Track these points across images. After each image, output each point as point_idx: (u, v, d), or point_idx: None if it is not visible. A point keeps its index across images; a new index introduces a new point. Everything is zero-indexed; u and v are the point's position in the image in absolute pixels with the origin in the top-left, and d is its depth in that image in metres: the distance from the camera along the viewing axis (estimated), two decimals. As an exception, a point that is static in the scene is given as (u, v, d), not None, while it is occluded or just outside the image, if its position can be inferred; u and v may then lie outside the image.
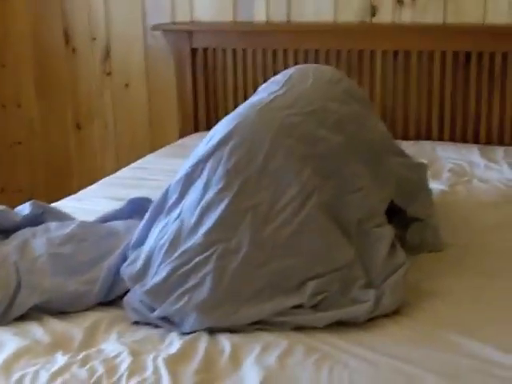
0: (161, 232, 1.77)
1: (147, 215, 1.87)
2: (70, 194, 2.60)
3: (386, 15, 3.12)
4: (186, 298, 1.63)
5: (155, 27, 3.37)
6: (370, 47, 3.10)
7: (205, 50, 3.33)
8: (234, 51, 3.29)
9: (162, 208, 1.85)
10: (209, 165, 1.80)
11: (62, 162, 3.76)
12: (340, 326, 1.61)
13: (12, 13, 3.64)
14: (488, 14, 2.99)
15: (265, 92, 2.03)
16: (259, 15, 3.29)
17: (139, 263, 1.74)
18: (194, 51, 3.33)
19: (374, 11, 3.13)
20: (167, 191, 1.88)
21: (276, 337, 1.58)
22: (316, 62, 3.11)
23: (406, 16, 3.09)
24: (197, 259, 1.67)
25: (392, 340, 1.56)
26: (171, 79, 3.42)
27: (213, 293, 1.63)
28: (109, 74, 3.56)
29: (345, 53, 3.13)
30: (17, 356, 1.54)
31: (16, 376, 1.47)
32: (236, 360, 1.51)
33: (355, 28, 3.17)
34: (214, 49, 3.32)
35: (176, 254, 1.69)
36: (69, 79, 3.62)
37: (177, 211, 1.78)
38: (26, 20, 3.63)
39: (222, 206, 1.72)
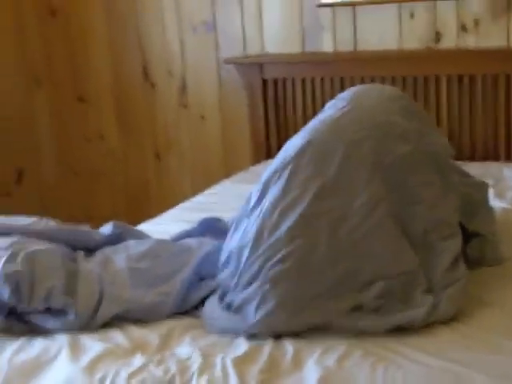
0: (244, 232, 1.91)
1: (234, 223, 2.02)
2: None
3: (449, 41, 3.22)
4: (267, 287, 1.76)
5: (228, 60, 3.55)
6: (435, 72, 3.19)
7: (275, 80, 3.48)
8: (303, 80, 3.43)
9: (245, 212, 2.00)
10: (287, 172, 1.94)
11: (141, 190, 3.96)
12: (397, 330, 1.71)
13: (93, 51, 3.89)
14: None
15: (332, 109, 2.15)
16: (326, 45, 3.43)
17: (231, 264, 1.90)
18: (264, 82, 3.49)
19: (438, 37, 3.23)
20: (249, 197, 2.03)
21: (336, 341, 1.68)
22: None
23: (470, 41, 3.18)
24: (280, 254, 1.80)
25: (446, 344, 1.64)
26: (244, 109, 3.58)
27: (295, 285, 1.75)
28: (185, 106, 3.75)
29: (410, 79, 3.23)
30: (100, 358, 1.68)
31: (99, 375, 1.61)
32: (298, 361, 1.61)
33: (420, 54, 3.27)
34: (284, 79, 3.47)
35: (260, 251, 1.82)
36: (148, 112, 3.83)
37: (256, 212, 1.92)
38: (107, 57, 3.87)
39: (301, 207, 1.85)
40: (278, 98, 3.50)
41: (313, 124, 2.10)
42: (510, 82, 3.09)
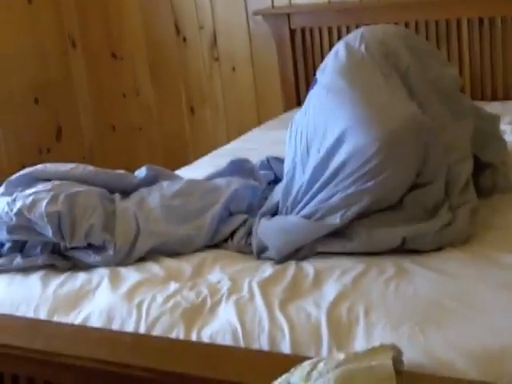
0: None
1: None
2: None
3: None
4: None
5: (256, 12, 3.66)
6: (457, 16, 3.27)
7: (302, 30, 3.59)
8: (330, 29, 3.53)
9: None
10: None
11: (177, 143, 4.11)
12: (411, 252, 1.85)
13: (126, 10, 4.02)
14: None
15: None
16: (351, -6, 3.53)
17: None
18: (292, 32, 3.60)
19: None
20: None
21: (354, 262, 1.82)
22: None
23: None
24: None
25: (454, 262, 1.78)
26: (273, 59, 3.69)
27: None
28: (217, 59, 3.88)
29: (433, 23, 3.31)
30: (137, 286, 1.84)
31: (137, 300, 1.77)
32: (318, 281, 1.76)
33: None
34: (311, 28, 3.57)
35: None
36: (181, 67, 3.97)
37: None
38: (139, 15, 4.00)
39: None
40: (305, 47, 3.60)
41: None
42: (529, 22, 3.17)
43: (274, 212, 2.08)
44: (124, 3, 4.01)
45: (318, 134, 2.03)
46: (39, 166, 2.25)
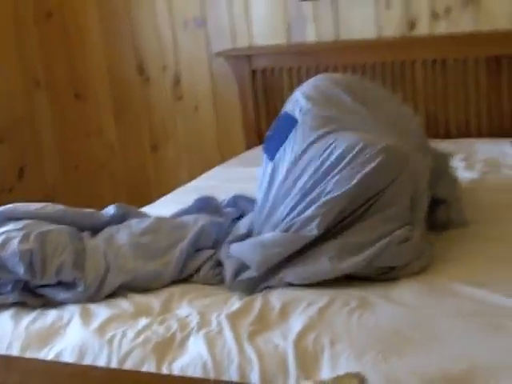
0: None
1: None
2: (148, 207, 2.97)
3: (423, 28, 3.43)
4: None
5: (218, 54, 3.76)
6: (411, 58, 3.41)
7: (263, 70, 3.69)
8: (290, 70, 3.64)
9: None
10: None
11: (141, 181, 4.17)
12: (373, 283, 1.94)
13: (89, 50, 4.09)
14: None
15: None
16: (310, 36, 3.64)
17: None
18: (253, 73, 3.70)
19: (412, 25, 3.44)
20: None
21: (319, 295, 1.90)
22: (363, 74, 3.44)
23: (442, 27, 3.39)
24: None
25: (412, 293, 1.87)
26: (235, 99, 3.79)
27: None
28: (180, 98, 3.97)
29: (389, 65, 3.44)
30: (108, 321, 1.89)
31: (109, 335, 1.82)
32: (284, 314, 1.83)
33: (396, 42, 3.48)
34: (272, 69, 3.68)
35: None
36: (144, 106, 4.05)
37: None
38: (103, 56, 4.07)
39: None
40: (266, 87, 3.71)
41: None
42: (478, 65, 3.30)
43: (242, 240, 2.16)
44: (87, 44, 4.09)
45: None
46: (9, 206, 2.29)
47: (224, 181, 3.12)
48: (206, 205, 2.41)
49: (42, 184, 4.29)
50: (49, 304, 2.04)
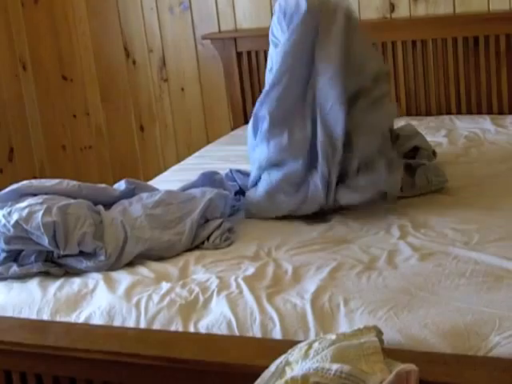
0: None
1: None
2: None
3: (403, 10, 3.59)
4: None
5: (204, 36, 3.88)
6: (391, 39, 3.57)
7: (248, 52, 3.82)
8: (274, 52, 3.76)
9: None
10: None
11: (128, 160, 4.28)
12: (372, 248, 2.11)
13: (76, 33, 4.18)
14: (491, 2, 3.43)
15: None
16: (293, 19, 3.77)
17: None
18: (239, 55, 3.83)
19: (392, 8, 3.60)
20: None
21: (326, 260, 2.06)
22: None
23: (421, 10, 3.56)
24: None
25: (415, 260, 2.04)
26: (221, 80, 3.91)
27: None
28: (166, 80, 4.08)
29: (370, 45, 3.60)
30: (132, 286, 2.02)
31: (135, 299, 1.95)
32: (297, 277, 1.98)
33: (377, 23, 3.63)
34: (256, 51, 3.80)
35: None
36: (131, 88, 4.15)
37: None
38: (89, 39, 4.16)
39: None
40: (251, 68, 3.84)
41: None
42: (457, 45, 3.47)
43: None
44: (74, 27, 4.17)
45: None
46: (25, 182, 2.40)
47: (215, 159, 3.25)
48: (210, 179, 2.55)
49: (31, 164, 4.38)
50: (71, 273, 2.16)
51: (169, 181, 3.00)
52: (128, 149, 4.27)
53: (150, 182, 3.06)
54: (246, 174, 2.64)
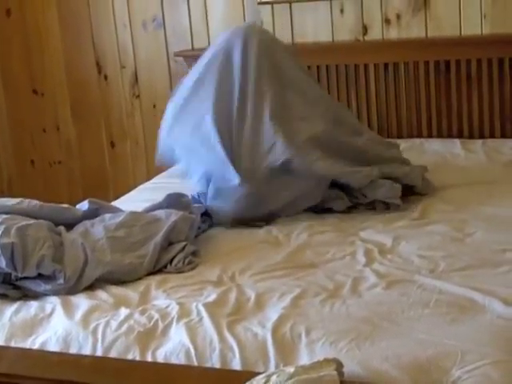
0: None
1: None
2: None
3: (375, 33, 3.58)
4: None
5: (177, 54, 3.85)
6: (364, 61, 3.56)
7: (220, 71, 3.79)
8: (246, 70, 3.74)
9: None
10: None
11: (98, 176, 4.23)
12: (337, 275, 2.07)
13: (48, 47, 4.13)
14: (463, 27, 3.43)
15: None
16: (266, 38, 3.76)
17: None
18: (211, 72, 3.80)
19: (365, 30, 3.59)
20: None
21: (290, 286, 2.02)
22: (318, 76, 3.58)
23: (393, 33, 3.55)
24: None
25: (379, 288, 2.01)
26: (193, 98, 3.88)
27: None
28: (138, 96, 4.04)
29: (342, 67, 3.58)
30: (90, 312, 1.98)
31: (92, 325, 1.90)
32: (260, 304, 1.94)
33: (350, 46, 3.62)
34: (229, 69, 3.78)
35: None
36: (102, 103, 4.11)
37: None
38: (61, 53, 4.11)
39: None
40: (223, 87, 3.81)
41: None
42: (428, 68, 3.46)
43: None
44: (46, 41, 4.13)
45: None
46: (-16, 202, 2.36)
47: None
48: (176, 201, 2.51)
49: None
50: (28, 296, 2.11)
51: (136, 200, 2.95)
52: (98, 165, 4.22)
53: (117, 202, 3.02)
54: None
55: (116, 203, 2.97)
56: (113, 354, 1.82)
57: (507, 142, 3.28)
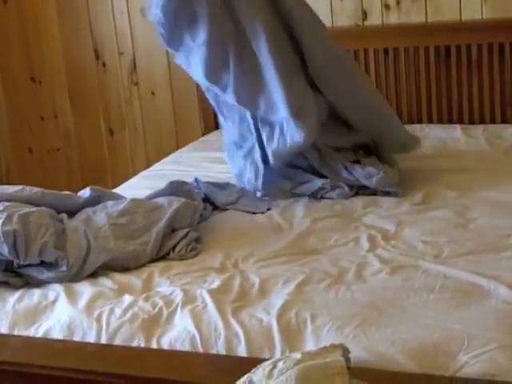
0: None
1: None
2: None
3: (375, 18, 3.56)
4: None
5: (176, 40, 3.83)
6: (364, 47, 3.54)
7: (220, 57, 3.77)
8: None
9: None
10: None
11: (97, 164, 4.21)
12: (342, 261, 2.07)
13: (46, 35, 4.11)
14: (463, 12, 3.42)
15: None
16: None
17: None
18: (211, 59, 3.78)
19: (365, 15, 3.57)
20: None
21: (294, 272, 2.02)
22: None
23: (393, 18, 3.54)
24: None
25: (383, 274, 2.01)
26: (192, 85, 3.84)
27: None
28: (136, 83, 4.02)
29: (342, 52, 3.57)
30: (94, 299, 1.97)
31: (96, 313, 1.90)
32: (264, 291, 1.94)
33: (350, 31, 3.61)
34: (228, 56, 3.76)
35: None
36: (100, 91, 4.09)
37: None
38: (59, 40, 4.09)
39: None
40: (222, 73, 3.78)
41: None
42: (429, 53, 3.45)
43: None
44: (44, 29, 4.10)
45: None
46: (-15, 189, 2.34)
47: (185, 165, 3.20)
48: (178, 189, 2.49)
49: (-3, 166, 4.32)
50: (31, 284, 2.10)
51: (136, 188, 2.94)
52: (97, 152, 4.20)
53: (118, 189, 3.00)
54: (212, 184, 2.62)
55: (116, 191, 2.96)
56: (117, 342, 1.81)
57: (508, 128, 3.27)
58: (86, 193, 2.44)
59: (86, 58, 4.06)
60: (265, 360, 1.57)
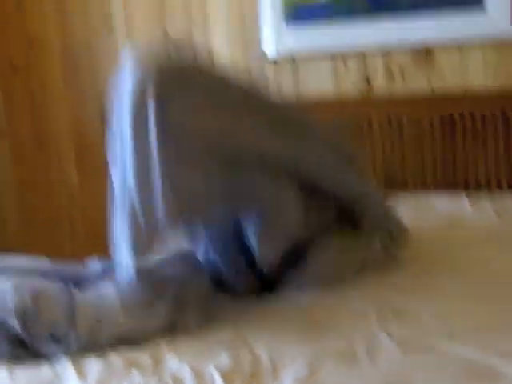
0: None
1: None
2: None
3: (379, 87, 3.61)
4: None
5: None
6: (367, 116, 3.58)
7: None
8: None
9: None
10: None
11: (102, 231, 4.20)
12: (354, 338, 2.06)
13: (52, 104, 4.17)
14: (466, 82, 3.47)
15: None
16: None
17: None
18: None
19: (368, 83, 3.61)
20: None
21: (304, 350, 1.99)
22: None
23: (397, 86, 3.58)
24: None
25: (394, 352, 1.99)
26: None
27: None
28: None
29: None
30: (103, 375, 1.95)
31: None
32: (275, 372, 1.90)
33: (354, 100, 3.66)
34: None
35: None
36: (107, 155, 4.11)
37: None
38: (65, 109, 4.16)
39: None
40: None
41: None
42: (433, 123, 3.48)
43: None
44: (51, 97, 4.15)
45: None
46: (-6, 260, 2.35)
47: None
48: (185, 258, 2.50)
49: (3, 233, 4.31)
50: (38, 355, 2.09)
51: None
52: (103, 218, 4.19)
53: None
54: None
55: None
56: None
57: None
58: (95, 264, 2.44)
59: (93, 124, 4.10)
60: None
